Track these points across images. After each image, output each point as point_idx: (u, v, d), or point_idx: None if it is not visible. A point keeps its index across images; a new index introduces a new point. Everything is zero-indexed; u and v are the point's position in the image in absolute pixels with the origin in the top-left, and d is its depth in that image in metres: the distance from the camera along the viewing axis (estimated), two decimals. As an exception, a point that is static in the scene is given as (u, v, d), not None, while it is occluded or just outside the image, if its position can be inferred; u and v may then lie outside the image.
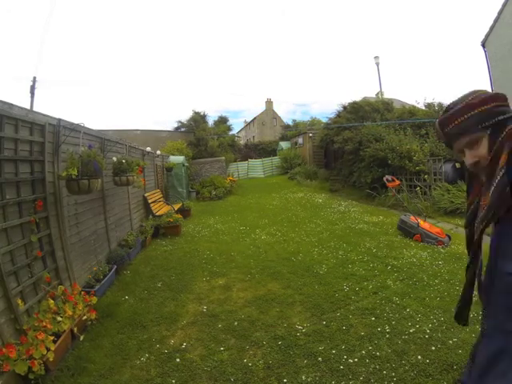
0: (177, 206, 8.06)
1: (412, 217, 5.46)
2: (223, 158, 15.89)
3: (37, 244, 2.78)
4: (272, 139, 26.30)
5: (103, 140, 4.49)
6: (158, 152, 9.30)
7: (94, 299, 3.08)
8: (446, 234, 5.10)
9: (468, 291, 1.35)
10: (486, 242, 1.15)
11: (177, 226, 6.54)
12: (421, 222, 5.26)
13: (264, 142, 24.99)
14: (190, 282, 4.01)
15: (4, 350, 2.03)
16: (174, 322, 3.05)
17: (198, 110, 19.47)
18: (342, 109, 12.63)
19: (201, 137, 16.99)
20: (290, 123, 27.93)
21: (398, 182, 6.25)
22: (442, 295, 3.29)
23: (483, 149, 1.07)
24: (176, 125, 19.72)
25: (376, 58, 16.49)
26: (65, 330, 2.56)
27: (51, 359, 2.26)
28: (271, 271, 4.24)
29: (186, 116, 24.77)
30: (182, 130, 19.20)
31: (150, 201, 7.16)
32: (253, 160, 20.34)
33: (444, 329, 2.69)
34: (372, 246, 5.09)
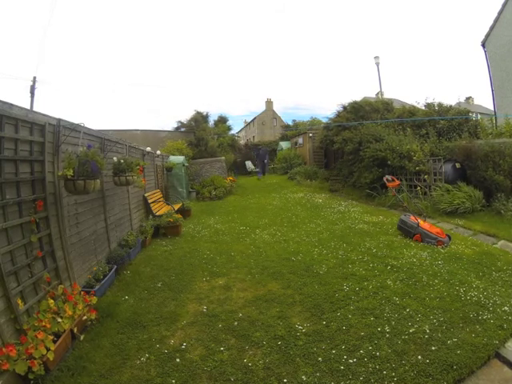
0: (177, 206, 8.05)
1: (412, 217, 5.46)
2: (223, 157, 15.87)
3: (37, 244, 2.79)
4: (272, 139, 26.27)
5: (103, 140, 4.48)
6: (158, 152, 9.30)
7: (94, 299, 3.08)
8: (446, 234, 5.10)
9: None
10: (487, 242, 1.15)
11: (177, 226, 6.53)
12: (421, 221, 5.26)
13: (264, 141, 24.96)
14: (189, 282, 4.01)
15: (4, 349, 2.03)
16: (174, 322, 3.05)
17: (200, 110, 19.51)
18: (341, 109, 12.61)
19: (201, 137, 16.96)
20: (290, 123, 27.91)
21: (397, 181, 6.26)
22: (441, 295, 3.29)
23: None
24: (176, 125, 19.74)
25: (376, 58, 16.46)
26: (65, 330, 2.56)
27: (51, 359, 2.26)
28: (271, 271, 4.24)
29: (185, 116, 24.78)
30: (182, 130, 19.19)
31: (150, 201, 7.16)
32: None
33: (444, 329, 2.70)
34: (372, 245, 5.09)
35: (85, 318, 2.88)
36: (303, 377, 2.25)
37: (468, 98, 26.00)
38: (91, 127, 4.00)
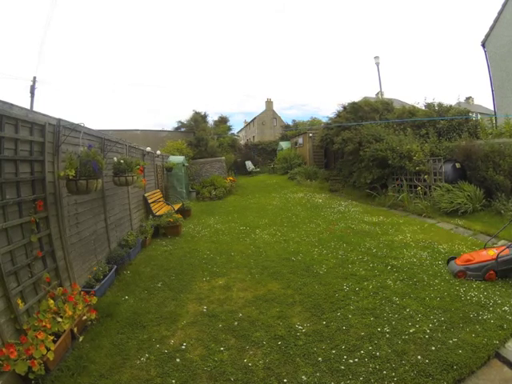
0: (177, 206, 8.05)
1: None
2: (223, 157, 15.88)
3: (37, 244, 2.78)
4: (272, 139, 26.26)
5: (103, 140, 4.48)
6: (158, 152, 9.30)
7: (94, 299, 3.08)
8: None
9: None
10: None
11: (177, 226, 6.53)
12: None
13: (264, 141, 24.94)
14: (190, 282, 4.01)
15: (4, 349, 2.03)
16: (174, 322, 3.05)
17: (198, 110, 19.55)
18: (341, 109, 12.61)
19: (201, 137, 16.98)
20: (290, 123, 27.90)
21: None
22: (441, 295, 3.29)
23: None
24: (176, 125, 19.76)
25: (376, 58, 16.46)
26: (65, 330, 2.56)
27: (51, 359, 2.26)
28: (271, 271, 4.24)
29: (186, 116, 24.78)
30: (182, 130, 19.20)
31: (150, 201, 7.16)
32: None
33: (444, 329, 2.70)
34: (372, 245, 5.09)
35: (85, 318, 2.88)
36: (303, 377, 2.25)
37: (468, 98, 25.97)
38: (91, 127, 4.00)
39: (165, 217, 6.55)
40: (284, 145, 20.15)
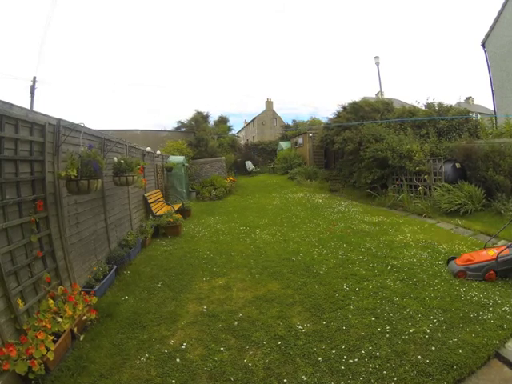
0: (177, 206, 8.05)
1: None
2: (223, 157, 15.87)
3: (37, 244, 2.79)
4: (272, 139, 26.26)
5: (103, 140, 4.48)
6: (158, 152, 9.29)
7: (94, 299, 3.08)
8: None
9: None
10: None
11: (177, 226, 6.53)
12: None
13: (264, 141, 24.94)
14: (189, 282, 4.01)
15: (4, 349, 2.03)
16: (174, 322, 3.05)
17: (200, 109, 19.54)
18: (341, 109, 12.61)
19: (201, 137, 16.97)
20: (290, 123, 27.90)
21: None
22: (442, 295, 3.29)
23: None
24: (176, 125, 19.75)
25: (376, 58, 16.45)
26: (65, 330, 2.56)
27: (51, 359, 2.26)
28: (271, 271, 4.24)
29: (186, 116, 24.74)
30: (182, 130, 19.20)
31: (150, 201, 7.16)
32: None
33: (444, 329, 2.70)
34: (372, 245, 5.09)
35: (85, 317, 2.88)
36: (303, 377, 2.25)
37: (468, 98, 25.98)
38: (91, 127, 4.00)
39: (165, 217, 6.55)
40: (284, 145, 20.13)
